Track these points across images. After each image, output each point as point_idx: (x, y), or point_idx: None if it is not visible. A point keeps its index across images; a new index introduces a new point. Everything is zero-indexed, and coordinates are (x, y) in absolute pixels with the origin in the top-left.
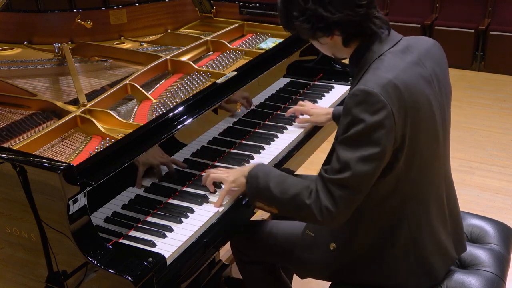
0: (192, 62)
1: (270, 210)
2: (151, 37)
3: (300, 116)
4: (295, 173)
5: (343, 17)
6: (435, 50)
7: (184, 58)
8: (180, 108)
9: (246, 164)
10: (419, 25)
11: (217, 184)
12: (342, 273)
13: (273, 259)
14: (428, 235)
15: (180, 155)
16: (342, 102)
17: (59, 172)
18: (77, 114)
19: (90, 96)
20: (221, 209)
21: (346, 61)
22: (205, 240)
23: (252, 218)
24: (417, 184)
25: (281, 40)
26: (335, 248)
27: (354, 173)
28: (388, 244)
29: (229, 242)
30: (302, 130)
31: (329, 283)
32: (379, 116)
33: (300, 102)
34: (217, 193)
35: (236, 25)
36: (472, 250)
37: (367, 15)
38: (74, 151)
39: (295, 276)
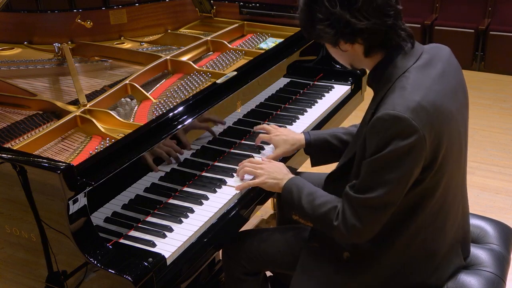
0: (192, 62)
1: (305, 223)
2: (151, 37)
3: (264, 152)
4: (297, 171)
5: (370, 25)
6: (452, 59)
7: (184, 58)
8: (180, 108)
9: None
10: (419, 25)
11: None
12: (355, 268)
13: (274, 267)
14: (443, 243)
15: (180, 155)
16: (338, 106)
17: (59, 172)
18: (77, 114)
19: (90, 96)
20: (218, 209)
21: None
22: (205, 240)
23: (251, 220)
24: (441, 196)
25: (281, 40)
26: (348, 257)
27: (380, 194)
28: (403, 251)
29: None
30: (303, 129)
31: None
32: (409, 140)
33: (264, 126)
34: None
35: (236, 25)
36: (472, 250)
37: (393, 26)
38: (74, 151)
39: None
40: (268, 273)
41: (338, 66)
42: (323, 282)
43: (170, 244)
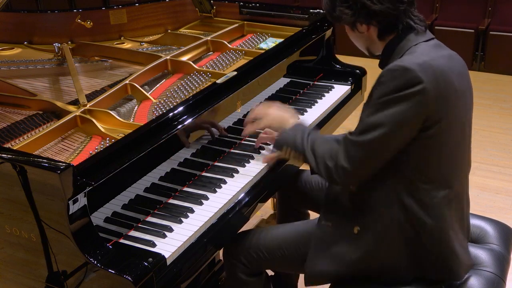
0: (192, 62)
1: (295, 157)
2: (151, 37)
3: (264, 152)
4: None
5: (383, 8)
6: (458, 56)
7: (184, 58)
8: (180, 108)
9: (246, 164)
10: None
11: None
12: (363, 262)
13: (276, 266)
14: (452, 233)
15: (180, 155)
16: (338, 106)
17: (59, 172)
18: (77, 114)
19: (90, 96)
20: (218, 208)
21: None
22: (205, 240)
23: (250, 220)
24: (443, 171)
25: (281, 40)
26: (359, 230)
27: (373, 136)
28: (414, 232)
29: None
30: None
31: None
32: (414, 89)
33: (266, 130)
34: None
35: (236, 25)
36: (472, 250)
37: (406, 12)
38: (74, 151)
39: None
40: (270, 272)
41: (338, 66)
42: (339, 258)
43: (170, 244)
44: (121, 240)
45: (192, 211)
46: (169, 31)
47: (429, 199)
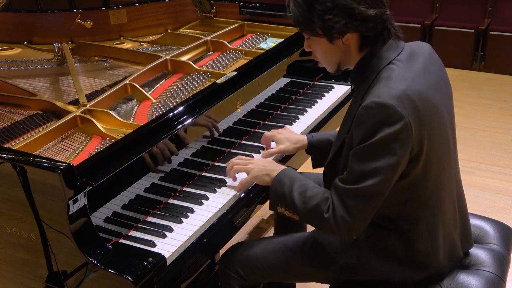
0: (192, 62)
1: (291, 216)
2: (151, 37)
3: (269, 149)
4: (297, 171)
5: (376, 13)
6: (434, 55)
7: (184, 58)
8: (180, 108)
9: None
10: (419, 25)
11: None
12: (356, 266)
13: (275, 278)
14: (442, 236)
15: (180, 155)
16: (338, 106)
17: (59, 172)
18: (77, 114)
19: (90, 96)
20: (218, 208)
21: None
22: (205, 240)
23: (250, 220)
24: (433, 189)
25: (281, 40)
26: (357, 237)
27: (368, 183)
28: (406, 242)
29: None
30: (303, 129)
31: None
32: (396, 127)
33: (272, 130)
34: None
35: (236, 25)
36: (472, 250)
37: (390, 18)
38: (74, 151)
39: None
40: None
41: None
42: (330, 260)
43: (170, 244)
44: (121, 240)
45: (192, 211)
46: (169, 31)
47: (418, 210)
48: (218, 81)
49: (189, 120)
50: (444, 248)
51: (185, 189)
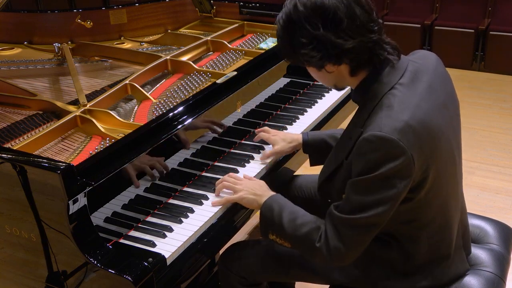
0: (192, 62)
1: (283, 244)
2: (151, 37)
3: (263, 152)
4: (295, 173)
5: (356, 44)
6: (440, 67)
7: (184, 58)
8: (180, 108)
9: (246, 164)
10: (419, 25)
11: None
12: (356, 275)
13: (276, 275)
14: (448, 248)
15: (180, 155)
16: (338, 106)
17: (59, 172)
18: (77, 114)
19: (90, 96)
20: (217, 209)
21: None
22: (205, 240)
23: (250, 220)
24: (438, 211)
25: None
26: None
27: (366, 215)
28: (409, 258)
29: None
30: (303, 129)
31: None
32: (397, 162)
33: (265, 128)
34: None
35: (236, 25)
36: (472, 250)
37: (379, 41)
38: (74, 151)
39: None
40: None
41: None
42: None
43: (170, 244)
44: (121, 240)
45: (192, 211)
46: (169, 31)
47: (421, 229)
48: (218, 81)
49: (189, 120)
50: (450, 261)
51: (185, 189)
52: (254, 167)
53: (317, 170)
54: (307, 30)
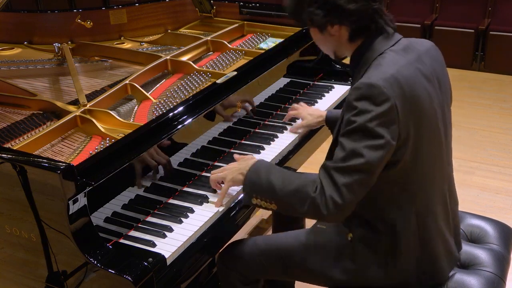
0: (192, 62)
1: (268, 207)
2: (151, 37)
3: (294, 124)
4: (297, 171)
5: (358, 7)
6: (434, 51)
7: (184, 58)
8: (180, 108)
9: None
10: (419, 25)
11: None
12: (352, 270)
13: (275, 273)
14: (435, 235)
15: (180, 155)
16: (338, 106)
17: (59, 172)
18: (77, 114)
19: (90, 96)
20: (221, 209)
21: (346, 61)
22: (205, 240)
23: (250, 220)
24: (422, 182)
25: (281, 40)
26: (352, 238)
27: (359, 159)
28: (399, 242)
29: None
30: (301, 130)
31: None
32: (382, 107)
33: (294, 105)
34: (217, 192)
35: (236, 25)
36: (472, 250)
37: (379, 10)
38: (74, 151)
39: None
40: None
41: (338, 66)
42: (326, 261)
43: (170, 244)
44: (121, 240)
45: (192, 211)
46: (169, 31)
47: (410, 206)
48: (218, 81)
49: (189, 120)
50: (440, 249)
51: (185, 189)
52: None
53: (316, 170)
54: None
